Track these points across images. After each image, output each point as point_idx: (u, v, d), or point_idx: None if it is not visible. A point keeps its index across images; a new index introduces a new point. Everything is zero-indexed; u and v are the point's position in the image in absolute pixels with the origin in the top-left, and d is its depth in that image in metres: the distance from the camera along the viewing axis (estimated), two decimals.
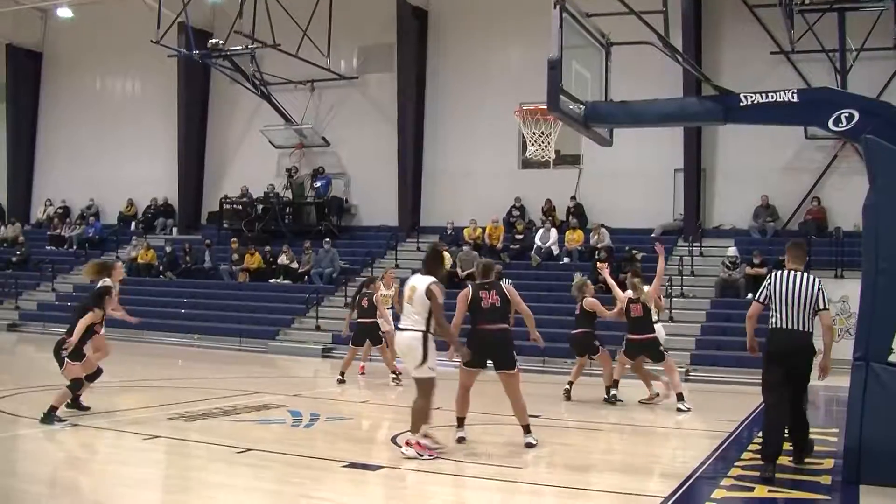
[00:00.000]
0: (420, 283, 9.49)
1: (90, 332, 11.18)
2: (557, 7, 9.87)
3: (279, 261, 26.48)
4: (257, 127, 29.48)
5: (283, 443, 10.53)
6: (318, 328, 23.05)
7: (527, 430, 10.01)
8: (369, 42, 28.43)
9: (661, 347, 13.79)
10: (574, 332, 14.28)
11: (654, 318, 14.03)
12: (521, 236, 25.20)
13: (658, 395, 14.19)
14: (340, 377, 15.96)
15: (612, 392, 13.93)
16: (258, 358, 21.40)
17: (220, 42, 26.70)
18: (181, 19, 27.21)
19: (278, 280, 26.27)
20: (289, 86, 28.72)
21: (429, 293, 9.35)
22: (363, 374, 17.08)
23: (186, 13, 26.94)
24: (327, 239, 26.46)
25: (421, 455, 9.21)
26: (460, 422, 10.13)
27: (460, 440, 9.96)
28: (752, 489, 8.21)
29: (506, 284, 10.55)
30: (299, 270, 26.16)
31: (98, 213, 32.80)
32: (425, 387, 9.49)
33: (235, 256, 27.02)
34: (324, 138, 28.84)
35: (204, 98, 31.06)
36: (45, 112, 34.70)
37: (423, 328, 9.37)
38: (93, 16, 30.85)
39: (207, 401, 13.09)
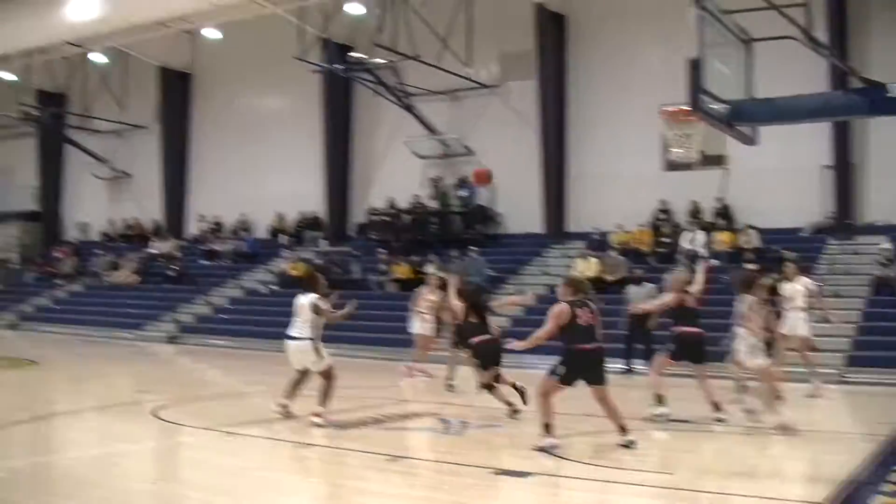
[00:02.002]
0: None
1: None
2: (696, 5, 10.38)
3: (426, 270, 28.30)
4: (401, 138, 31.51)
5: (434, 450, 11.48)
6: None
7: (623, 430, 10.82)
8: (509, 49, 30.02)
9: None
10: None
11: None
12: (667, 239, 26.47)
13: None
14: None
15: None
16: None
17: (362, 55, 29.11)
18: (323, 35, 29.92)
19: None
20: (430, 96, 30.69)
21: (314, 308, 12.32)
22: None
23: (328, 29, 29.54)
24: (474, 247, 28.02)
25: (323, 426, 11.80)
26: (548, 428, 10.73)
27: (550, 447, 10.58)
28: None
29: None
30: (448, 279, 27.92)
31: (249, 228, 35.84)
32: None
33: (383, 267, 29.20)
34: (467, 147, 30.61)
35: (347, 111, 33.43)
36: (196, 130, 38.33)
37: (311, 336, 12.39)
38: (238, 35, 33.51)
39: (359, 410, 13.88)
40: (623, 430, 10.82)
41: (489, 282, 26.66)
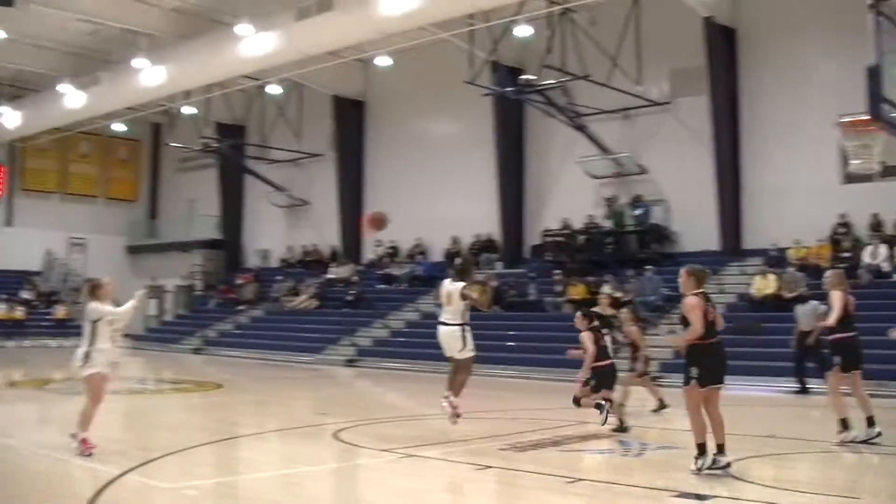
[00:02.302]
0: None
1: None
2: (872, 11, 10.37)
3: (602, 290, 28.45)
4: (573, 159, 31.77)
5: (614, 472, 11.28)
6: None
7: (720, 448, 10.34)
8: (679, 65, 30.05)
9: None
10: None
11: None
12: (847, 254, 25.97)
13: None
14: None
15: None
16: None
17: (532, 77, 29.44)
18: (492, 58, 30.46)
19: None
20: (602, 115, 30.92)
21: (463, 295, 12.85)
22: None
23: (497, 52, 30.13)
24: (650, 266, 28.28)
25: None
26: (703, 448, 10.36)
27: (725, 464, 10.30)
28: None
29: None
30: (623, 299, 28.03)
31: (425, 252, 36.69)
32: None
33: (559, 288, 29.52)
34: (640, 166, 30.71)
35: (519, 133, 33.92)
36: (369, 157, 39.50)
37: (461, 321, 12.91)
38: (409, 62, 34.62)
39: (537, 431, 14.02)
40: (721, 448, 10.38)
41: (666, 301, 26.70)
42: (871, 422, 12.57)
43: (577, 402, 14.37)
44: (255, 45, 31.27)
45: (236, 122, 41.94)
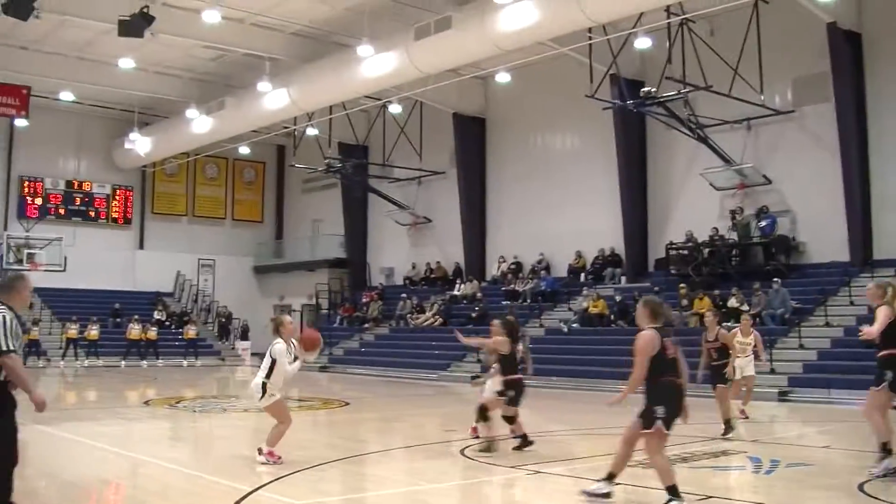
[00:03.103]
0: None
1: None
2: None
3: (728, 304, 28.23)
4: (696, 170, 31.64)
5: (744, 490, 11.24)
6: (772, 371, 23.92)
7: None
8: (802, 73, 29.72)
9: None
10: None
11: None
12: None
13: None
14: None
15: None
16: (714, 403, 22.92)
17: (653, 89, 29.31)
18: (612, 71, 30.56)
19: (730, 323, 27.92)
20: (724, 126, 30.74)
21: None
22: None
23: (617, 65, 30.34)
24: (776, 279, 27.91)
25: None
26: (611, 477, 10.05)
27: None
28: None
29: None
30: (750, 312, 27.76)
31: (548, 267, 36.80)
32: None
33: (685, 302, 29.37)
34: (764, 176, 30.38)
35: (641, 146, 33.91)
36: (491, 174, 39.86)
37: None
38: (528, 77, 34.95)
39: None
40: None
41: (794, 314, 26.38)
42: None
43: (484, 410, 14.39)
44: (375, 65, 31.87)
45: (358, 142, 42.79)
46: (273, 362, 12.50)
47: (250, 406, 18.79)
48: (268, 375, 12.51)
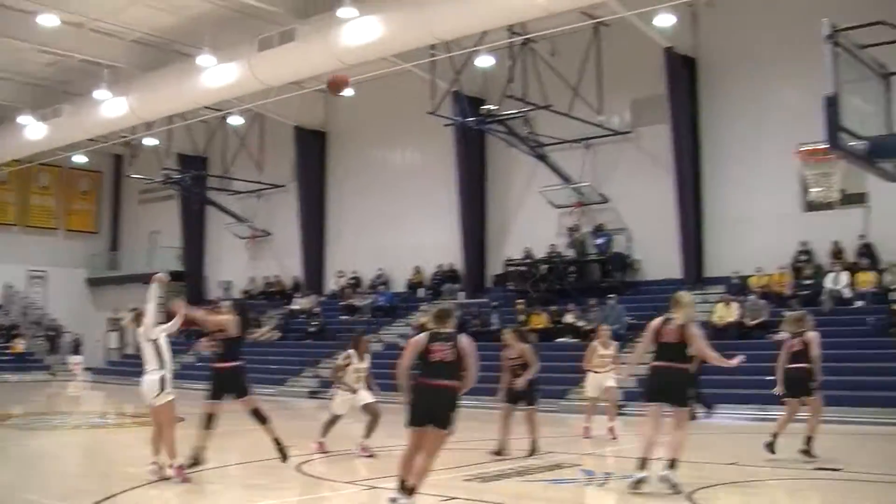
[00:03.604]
0: None
1: None
2: (829, 42, 10.21)
3: (564, 320, 28.46)
4: (535, 188, 31.87)
5: (576, 503, 11.44)
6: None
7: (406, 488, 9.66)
8: (640, 95, 30.23)
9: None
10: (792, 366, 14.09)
11: None
12: (809, 281, 26.10)
13: None
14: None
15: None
16: (548, 417, 22.15)
17: (494, 107, 29.40)
18: (454, 88, 30.49)
19: (565, 339, 28.12)
20: (563, 145, 30.99)
21: None
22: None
23: (459, 82, 30.19)
24: (612, 295, 28.20)
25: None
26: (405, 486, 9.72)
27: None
28: None
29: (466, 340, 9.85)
30: (585, 328, 27.84)
31: (387, 282, 36.47)
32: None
33: (522, 317, 29.34)
34: (602, 195, 30.78)
35: (481, 163, 33.98)
36: (331, 188, 39.45)
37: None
38: (370, 92, 34.26)
39: (502, 461, 13.96)
40: (411, 490, 9.71)
41: (629, 329, 26.68)
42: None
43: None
44: (216, 76, 31.18)
45: (198, 154, 41.63)
46: (156, 345, 11.97)
47: (81, 423, 18.07)
48: (162, 366, 11.95)
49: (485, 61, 30.32)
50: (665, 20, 27.30)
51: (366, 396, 15.23)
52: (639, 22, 27.33)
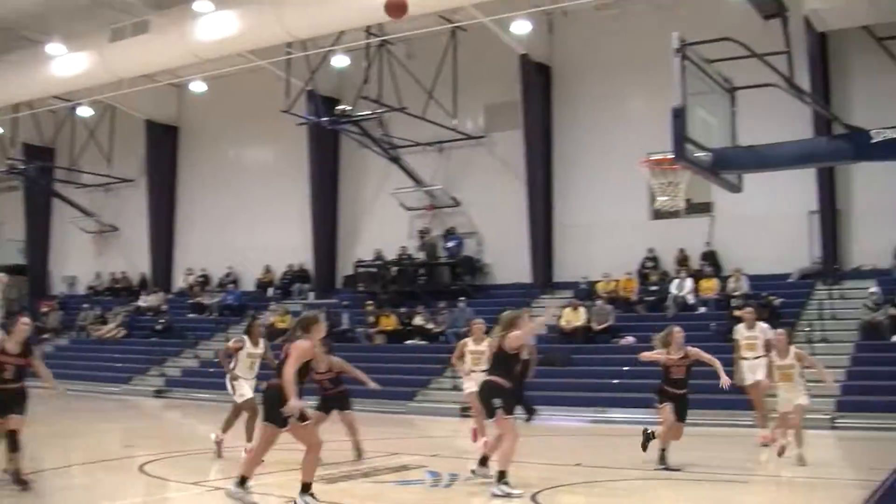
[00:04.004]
0: None
1: None
2: (678, 55, 10.47)
3: (414, 322, 28.37)
4: (388, 190, 31.78)
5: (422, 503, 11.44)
6: (454, 388, 23.31)
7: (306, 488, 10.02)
8: (494, 100, 30.41)
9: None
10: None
11: None
12: (655, 287, 26.67)
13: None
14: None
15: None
16: (396, 419, 22.40)
17: (348, 108, 29.30)
18: (309, 87, 30.13)
19: (414, 341, 28.10)
20: (417, 148, 31.05)
21: None
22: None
23: (314, 81, 29.84)
24: (462, 298, 28.31)
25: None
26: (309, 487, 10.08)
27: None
28: None
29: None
30: (435, 331, 27.97)
31: (236, 281, 35.92)
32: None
33: (371, 318, 29.18)
34: (454, 198, 30.91)
35: (334, 163, 33.73)
36: (182, 183, 38.48)
37: None
38: (224, 88, 33.92)
39: (348, 463, 13.72)
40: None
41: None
42: None
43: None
44: (66, 65, 30.32)
45: (45, 144, 40.12)
46: None
47: None
48: None
49: (340, 61, 30.22)
50: (521, 27, 27.57)
51: (248, 391, 14.94)
52: (496, 28, 27.43)
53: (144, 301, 36.70)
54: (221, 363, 15.67)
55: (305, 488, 9.88)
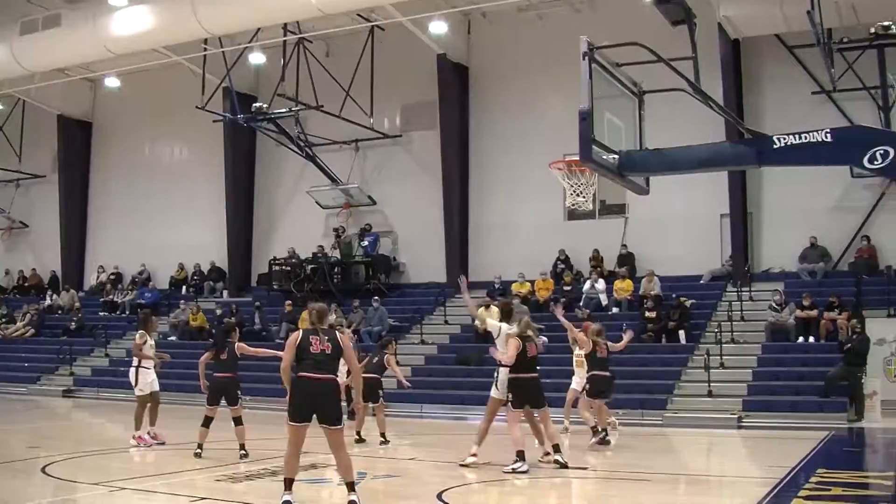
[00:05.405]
0: None
1: None
2: (586, 58, 10.24)
3: (329, 320, 28.03)
4: (304, 188, 31.61)
5: (331, 502, 11.17)
6: None
7: (351, 487, 9.83)
8: (411, 100, 30.42)
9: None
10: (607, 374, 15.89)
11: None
12: (568, 287, 26.72)
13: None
14: (357, 437, 16.37)
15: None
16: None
17: (264, 105, 29.10)
18: (225, 84, 29.79)
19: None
20: (333, 146, 30.94)
21: None
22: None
23: (230, 78, 29.58)
24: (376, 297, 28.14)
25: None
26: (288, 483, 9.91)
27: None
28: None
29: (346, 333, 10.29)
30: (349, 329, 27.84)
31: (150, 278, 35.31)
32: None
33: (290, 317, 28.68)
34: (370, 197, 30.82)
35: (250, 161, 33.44)
36: (96, 180, 37.80)
37: None
38: (139, 84, 33.44)
39: (255, 462, 13.52)
40: (350, 487, 9.86)
41: (391, 331, 26.66)
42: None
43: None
44: None
45: None
46: None
47: None
48: None
49: (257, 58, 30.00)
50: (439, 28, 27.51)
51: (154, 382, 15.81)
52: (414, 28, 27.39)
53: (53, 299, 36.00)
54: (136, 356, 15.97)
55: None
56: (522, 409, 13.31)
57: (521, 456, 12.64)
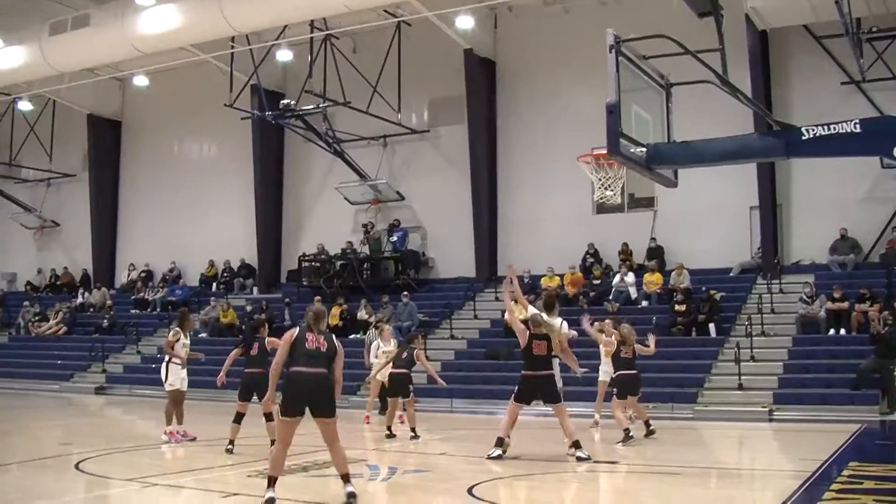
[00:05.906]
0: None
1: None
2: (613, 51, 10.40)
3: (358, 316, 28.11)
4: (332, 184, 31.61)
5: (361, 497, 10.70)
6: None
7: (346, 479, 9.98)
8: (439, 95, 30.41)
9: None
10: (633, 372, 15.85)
11: None
12: (598, 281, 26.71)
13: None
14: (389, 432, 16.60)
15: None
16: (340, 413, 22.81)
17: (292, 102, 29.06)
18: (253, 82, 29.86)
19: (358, 335, 27.53)
20: (361, 142, 30.88)
21: None
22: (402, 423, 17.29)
23: (258, 76, 29.64)
24: (405, 292, 28.00)
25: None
26: (272, 481, 9.89)
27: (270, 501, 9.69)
28: None
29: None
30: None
31: (180, 276, 35.50)
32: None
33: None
34: (398, 192, 30.79)
35: (279, 158, 33.49)
36: (125, 179, 37.98)
37: None
38: (168, 82, 33.57)
39: (287, 457, 14.20)
40: (345, 478, 10.01)
41: (421, 326, 26.65)
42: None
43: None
44: (4, 58, 29.73)
45: None
46: None
47: None
48: None
49: (284, 55, 29.98)
50: (466, 22, 27.44)
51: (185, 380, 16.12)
52: (440, 23, 27.36)
53: (84, 297, 36.24)
54: (167, 353, 16.21)
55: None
56: (521, 405, 13.47)
57: (499, 443, 13.08)
